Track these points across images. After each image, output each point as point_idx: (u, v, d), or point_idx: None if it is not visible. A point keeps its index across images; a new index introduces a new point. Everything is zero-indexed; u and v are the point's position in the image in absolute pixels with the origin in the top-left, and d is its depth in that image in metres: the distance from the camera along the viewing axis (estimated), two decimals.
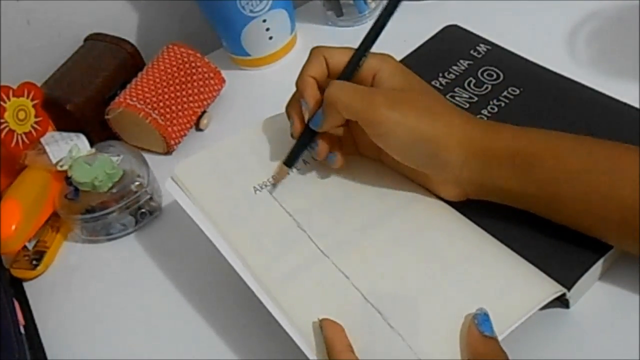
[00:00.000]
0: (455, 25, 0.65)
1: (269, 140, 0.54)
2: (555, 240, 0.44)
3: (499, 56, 0.60)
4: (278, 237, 0.47)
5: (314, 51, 0.48)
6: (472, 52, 0.61)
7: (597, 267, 0.43)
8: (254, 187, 0.50)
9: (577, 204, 0.41)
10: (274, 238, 0.47)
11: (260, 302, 0.43)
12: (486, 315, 0.39)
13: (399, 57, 0.64)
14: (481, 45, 0.62)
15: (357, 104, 0.43)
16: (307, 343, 0.41)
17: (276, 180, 0.50)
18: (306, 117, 0.47)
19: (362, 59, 0.46)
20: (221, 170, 0.52)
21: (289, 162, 0.49)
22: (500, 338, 0.39)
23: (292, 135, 0.49)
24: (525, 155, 0.41)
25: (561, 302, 0.43)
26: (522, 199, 0.43)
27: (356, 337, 0.40)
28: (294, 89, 0.71)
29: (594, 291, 0.44)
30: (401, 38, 0.66)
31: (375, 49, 0.68)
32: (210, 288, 0.53)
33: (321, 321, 0.41)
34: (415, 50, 0.64)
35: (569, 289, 0.41)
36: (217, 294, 0.52)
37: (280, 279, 0.44)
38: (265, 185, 0.50)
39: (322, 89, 0.47)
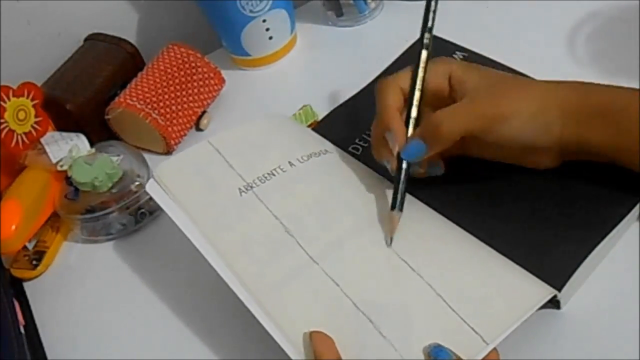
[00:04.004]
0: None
1: (254, 140, 0.53)
2: (543, 241, 0.44)
3: (476, 63, 0.60)
4: (266, 242, 0.46)
5: (386, 83, 0.48)
6: None
7: (586, 266, 0.43)
8: (239, 189, 0.49)
9: None
10: (262, 244, 0.46)
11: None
12: (437, 347, 0.39)
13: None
14: (457, 53, 0.61)
15: (471, 122, 0.44)
16: (297, 352, 0.40)
17: (392, 232, 0.45)
18: (395, 150, 0.46)
19: (422, 72, 0.47)
20: (205, 171, 0.51)
21: (399, 205, 0.46)
22: (493, 345, 0.39)
23: (390, 172, 0.47)
24: (615, 109, 0.43)
25: (552, 303, 0.43)
26: (614, 152, 0.44)
27: (347, 346, 0.40)
28: (293, 89, 0.72)
29: (584, 291, 0.44)
30: (401, 38, 0.66)
31: (374, 49, 0.68)
32: (210, 288, 0.53)
33: (311, 334, 0.40)
34: (393, 63, 0.64)
35: (559, 290, 0.41)
36: (217, 294, 0.52)
37: (270, 287, 0.43)
38: (251, 187, 0.49)
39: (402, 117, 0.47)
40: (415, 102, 0.47)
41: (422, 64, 0.47)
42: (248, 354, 0.48)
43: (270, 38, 0.73)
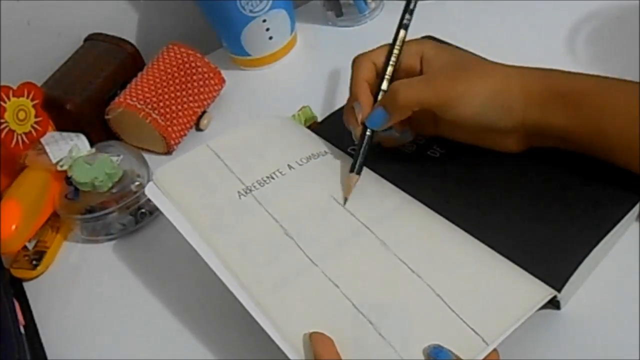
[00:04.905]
0: (430, 37, 0.65)
1: (253, 144, 0.53)
2: (542, 242, 0.44)
3: None
4: (265, 244, 0.46)
5: (361, 58, 0.50)
6: None
7: (586, 266, 0.43)
8: (239, 192, 0.49)
9: (620, 138, 0.43)
10: (262, 246, 0.46)
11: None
12: (436, 347, 0.39)
13: None
14: None
15: (427, 96, 0.46)
16: (297, 353, 0.40)
17: (347, 193, 0.48)
18: (359, 118, 0.49)
19: (398, 49, 0.50)
20: (204, 175, 0.51)
21: (358, 169, 0.49)
22: (493, 346, 0.39)
23: (354, 140, 0.50)
24: (575, 94, 0.44)
25: (552, 303, 0.42)
26: (574, 136, 0.45)
27: (347, 347, 0.40)
28: (293, 89, 0.72)
29: (584, 291, 0.44)
30: None
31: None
32: (210, 289, 0.53)
33: (310, 335, 0.40)
34: None
35: (559, 290, 0.41)
36: (217, 294, 0.52)
37: (269, 289, 0.43)
38: (250, 190, 0.49)
39: (372, 90, 0.50)
40: (387, 76, 0.49)
41: (398, 43, 0.49)
42: (247, 355, 0.48)
43: (270, 38, 0.73)
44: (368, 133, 0.49)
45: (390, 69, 0.49)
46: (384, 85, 0.49)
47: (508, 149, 0.49)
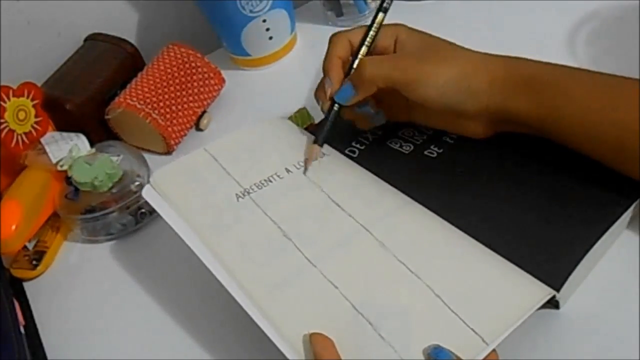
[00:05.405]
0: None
1: (250, 147, 0.53)
2: (540, 242, 0.44)
3: None
4: (264, 246, 0.46)
5: (337, 35, 0.52)
6: None
7: (584, 265, 0.43)
8: (237, 195, 0.49)
9: (578, 125, 0.44)
10: (260, 247, 0.46)
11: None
12: (436, 347, 0.39)
13: None
14: None
15: (392, 73, 0.48)
16: (296, 354, 0.40)
17: (308, 163, 0.51)
18: (328, 93, 0.51)
19: (374, 31, 0.51)
20: (202, 177, 0.51)
21: (321, 140, 0.52)
22: (493, 346, 0.39)
23: (323, 114, 0.52)
24: (536, 81, 0.46)
25: (551, 303, 0.42)
26: (533, 121, 0.46)
27: (346, 349, 0.40)
28: (293, 89, 0.72)
29: (583, 291, 0.44)
30: None
31: None
32: (209, 289, 0.53)
33: (310, 335, 0.40)
34: None
35: (558, 290, 0.41)
36: (217, 294, 0.52)
37: (268, 290, 0.43)
38: (248, 192, 0.49)
39: (345, 68, 0.52)
40: (361, 55, 0.51)
41: (376, 25, 0.51)
42: (247, 356, 0.48)
43: (270, 38, 0.73)
44: (335, 108, 0.51)
45: (364, 49, 0.51)
46: (356, 64, 0.51)
47: (475, 134, 0.50)
